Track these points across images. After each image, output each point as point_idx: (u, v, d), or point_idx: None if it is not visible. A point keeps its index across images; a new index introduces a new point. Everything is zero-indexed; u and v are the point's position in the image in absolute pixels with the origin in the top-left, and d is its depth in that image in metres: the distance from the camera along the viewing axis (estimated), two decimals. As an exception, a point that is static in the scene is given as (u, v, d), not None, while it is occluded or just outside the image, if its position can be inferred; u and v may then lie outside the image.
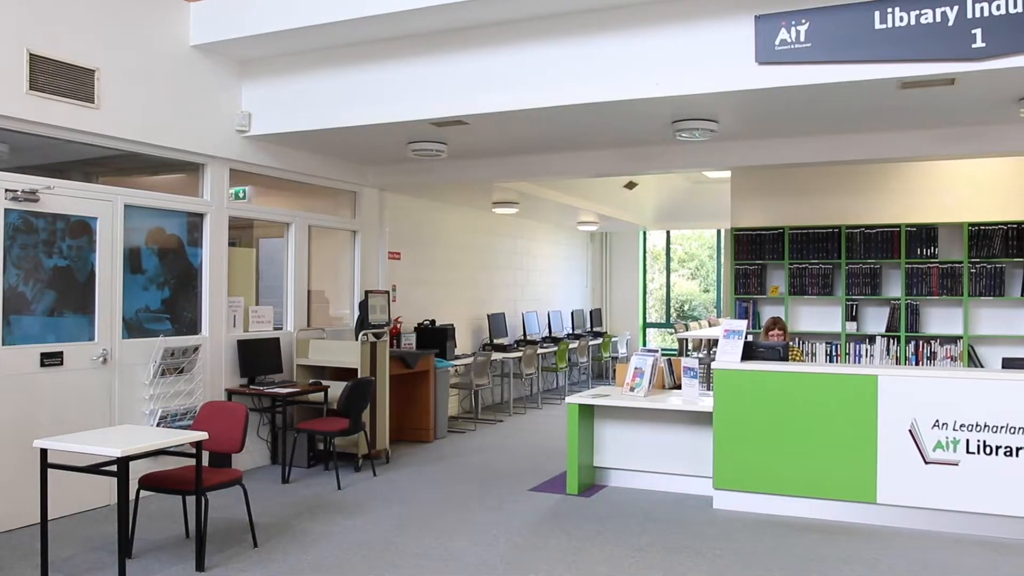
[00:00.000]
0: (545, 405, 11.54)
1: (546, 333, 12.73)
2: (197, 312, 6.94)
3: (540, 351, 11.57)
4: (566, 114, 6.16)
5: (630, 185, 12.46)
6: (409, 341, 9.28)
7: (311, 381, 7.59)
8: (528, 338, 12.00)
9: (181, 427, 6.37)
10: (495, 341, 11.07)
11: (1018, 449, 5.45)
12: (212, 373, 6.95)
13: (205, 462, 4.83)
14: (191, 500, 4.92)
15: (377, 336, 7.72)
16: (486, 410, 10.89)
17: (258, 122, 6.99)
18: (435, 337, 9.56)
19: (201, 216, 6.94)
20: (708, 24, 5.40)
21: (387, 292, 8.40)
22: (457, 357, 9.95)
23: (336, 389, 7.12)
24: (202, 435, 4.75)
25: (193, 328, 6.90)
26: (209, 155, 6.86)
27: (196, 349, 6.67)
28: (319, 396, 7.35)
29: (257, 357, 7.27)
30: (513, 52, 5.91)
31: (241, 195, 7.67)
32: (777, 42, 5.22)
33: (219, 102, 6.84)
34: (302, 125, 6.82)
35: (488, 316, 11.14)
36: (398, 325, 9.21)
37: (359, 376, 7.28)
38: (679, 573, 4.81)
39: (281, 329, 7.78)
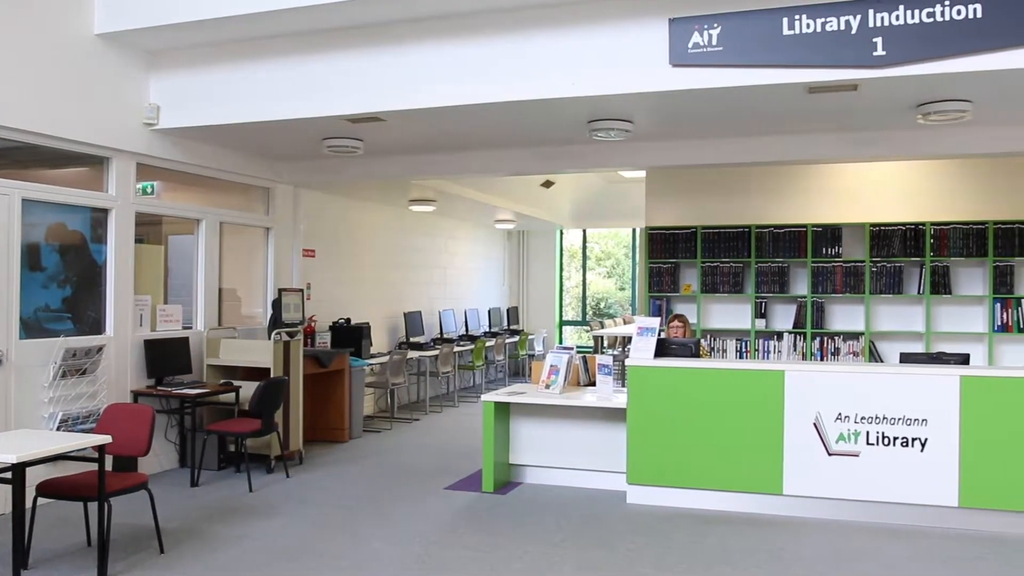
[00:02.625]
0: (462, 403, 11.53)
1: (463, 331, 12.72)
2: (101, 311, 6.69)
3: (457, 349, 11.55)
4: (483, 112, 6.16)
5: (547, 184, 12.55)
6: (324, 340, 9.15)
7: (222, 381, 7.41)
8: (445, 336, 11.96)
9: (83, 431, 6.14)
10: (411, 339, 11.00)
11: (914, 439, 5.69)
12: (117, 374, 6.71)
13: (109, 467, 4.66)
14: (93, 507, 4.74)
15: (291, 335, 7.58)
16: (402, 409, 10.82)
17: (167, 115, 6.78)
18: (350, 336, 9.45)
19: (106, 212, 6.70)
20: (623, 26, 5.48)
21: (301, 290, 8.27)
22: (373, 356, 9.85)
23: (248, 389, 6.97)
24: (105, 439, 4.58)
25: (97, 328, 6.65)
26: (114, 148, 6.62)
27: (100, 349, 6.43)
28: (230, 397, 7.17)
29: (165, 357, 7.05)
30: (430, 49, 5.88)
31: (149, 190, 7.42)
32: (690, 45, 5.32)
33: (125, 94, 6.60)
34: (213, 119, 6.64)
35: (404, 314, 11.07)
36: (312, 324, 9.06)
37: (272, 376, 7.14)
38: (593, 568, 4.87)
39: (191, 328, 7.57)
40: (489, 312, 13.81)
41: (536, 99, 5.73)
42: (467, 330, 12.77)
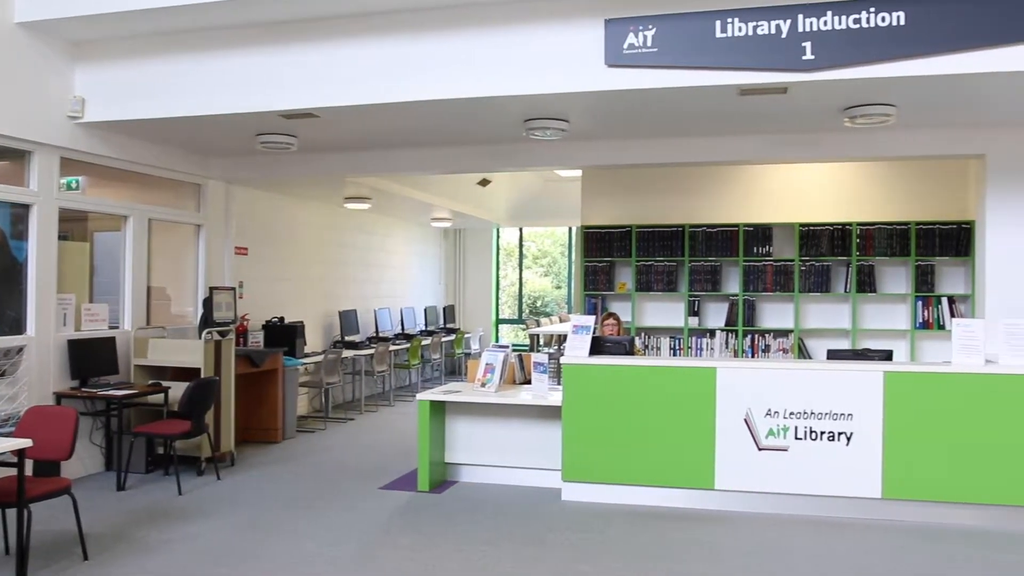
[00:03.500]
0: (397, 402, 11.47)
1: (399, 330, 12.64)
2: (22, 310, 6.46)
3: (392, 348, 11.48)
4: (419, 110, 6.13)
5: (484, 182, 12.54)
6: (256, 339, 9.00)
7: (150, 382, 7.22)
8: (380, 335, 11.87)
9: (2, 435, 5.91)
10: (346, 338, 10.89)
11: (840, 434, 5.85)
12: (39, 375, 6.49)
13: (29, 471, 4.50)
14: (12, 513, 4.58)
15: (222, 334, 7.44)
16: (337, 408, 10.71)
17: (93, 108, 6.58)
18: (284, 335, 9.31)
19: (27, 207, 6.46)
20: (560, 26, 5.51)
21: (233, 289, 8.12)
22: (307, 355, 9.73)
23: (177, 390, 6.81)
24: (25, 442, 4.43)
25: (17, 327, 6.42)
26: (36, 142, 6.39)
27: (20, 350, 6.21)
28: (159, 398, 7.00)
29: (90, 357, 6.85)
30: (365, 45, 5.83)
31: (74, 185, 7.18)
32: (625, 46, 5.38)
33: (48, 85, 6.39)
34: (141, 113, 6.46)
35: (339, 313, 10.95)
36: (245, 323, 8.91)
37: (202, 376, 6.99)
38: (528, 564, 4.88)
39: (118, 328, 7.36)
40: (425, 310, 13.76)
41: (471, 97, 5.73)
42: (403, 329, 12.70)
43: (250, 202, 9.44)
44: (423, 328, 13.53)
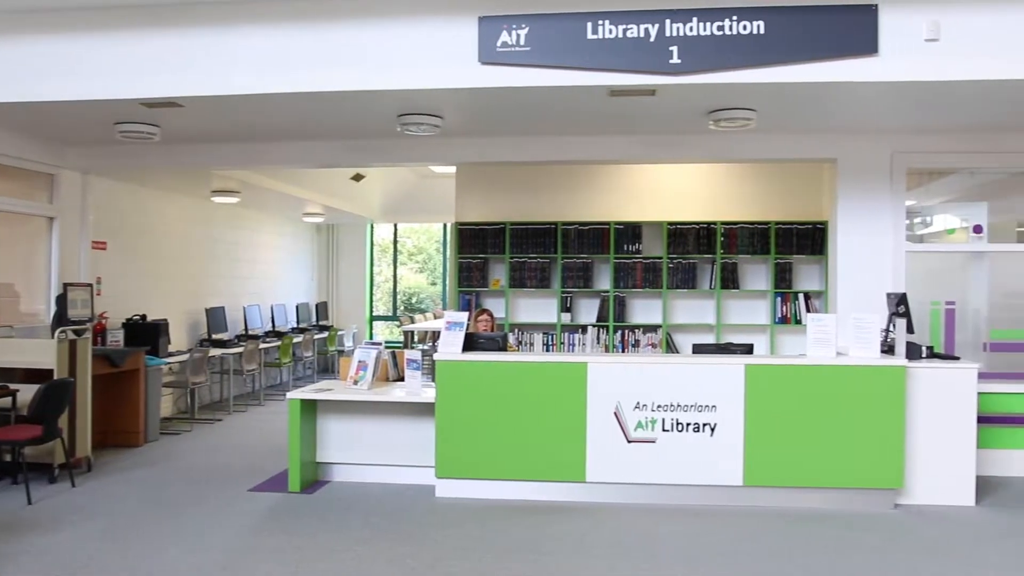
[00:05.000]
0: (268, 401, 11.17)
1: (269, 327, 12.31)
2: None
3: (263, 346, 11.17)
4: (289, 102, 5.98)
5: (357, 177, 12.37)
6: (116, 338, 8.57)
7: (-4, 384, 6.78)
8: (250, 332, 11.53)
9: None
10: (214, 336, 10.53)
11: (704, 425, 6.07)
12: None
13: None
14: None
15: (78, 333, 7.05)
16: (204, 409, 10.34)
17: (-72, 90, 6.11)
18: (146, 333, 8.91)
19: None
20: (434, 21, 5.48)
21: (90, 285, 7.72)
22: (171, 354, 9.34)
23: (28, 393, 6.40)
24: None
25: None
26: None
27: None
28: (6, 401, 6.56)
29: (-73, 359, 6.37)
30: (233, 33, 5.63)
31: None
32: (499, 44, 5.41)
33: None
34: (-15, 97, 6.05)
35: (206, 310, 10.57)
36: (103, 321, 8.48)
37: (55, 377, 6.61)
38: (402, 563, 4.85)
39: (-41, 326, 6.88)
40: (297, 307, 13.46)
41: (343, 91, 5.63)
42: (274, 326, 12.38)
43: (109, 194, 8.99)
44: (295, 325, 13.23)
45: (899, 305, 6.31)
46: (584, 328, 9.64)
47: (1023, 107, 6.07)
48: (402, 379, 7.03)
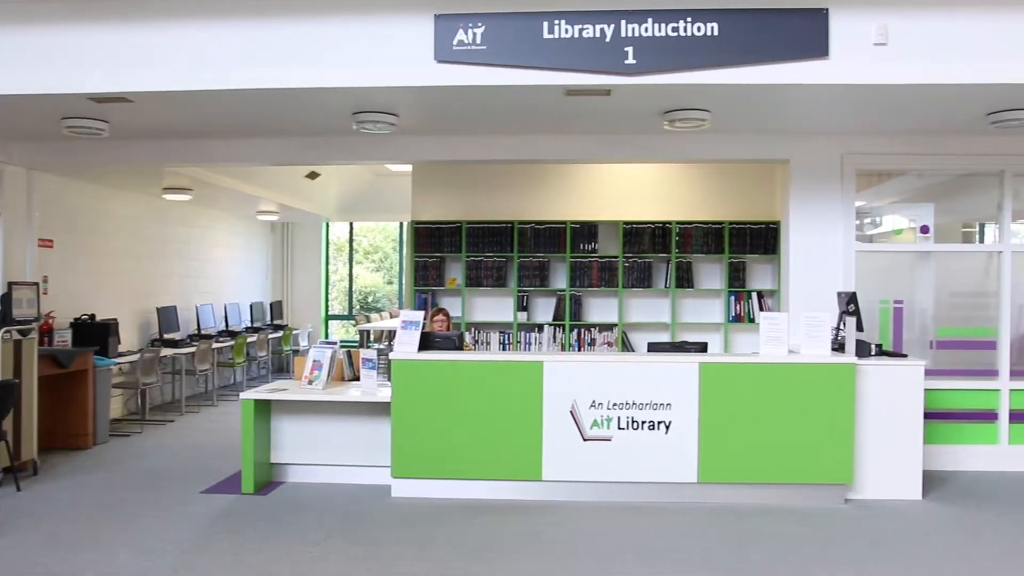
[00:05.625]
0: (221, 402, 11.02)
1: (223, 327, 12.15)
2: None
3: (216, 346, 11.02)
4: (241, 99, 5.90)
5: (312, 175, 12.25)
6: (64, 338, 8.38)
7: (-62, 386, 6.60)
8: (203, 332, 11.36)
9: None
10: (165, 336, 10.36)
11: (659, 423, 6.13)
12: None
13: None
14: None
15: (23, 333, 6.88)
16: (155, 410, 10.17)
17: None
18: (95, 333, 8.74)
19: None
20: (390, 18, 5.45)
21: (36, 284, 7.52)
22: (121, 354, 9.17)
23: (-29, 394, 6.25)
24: None
25: None
26: None
27: None
28: (-51, 403, 6.40)
29: None
30: (184, 28, 5.53)
31: None
32: (455, 42, 5.39)
33: None
34: (-76, 90, 5.87)
35: (157, 309, 10.40)
36: (50, 321, 8.29)
37: None
38: (357, 564, 4.82)
39: (-102, 326, 6.68)
40: (251, 307, 13.29)
41: (297, 88, 5.57)
42: (227, 326, 12.21)
43: (57, 190, 8.79)
44: (249, 325, 13.06)
45: (849, 304, 6.43)
46: (540, 327, 9.67)
47: (968, 111, 6.23)
48: (357, 379, 6.99)
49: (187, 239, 11.90)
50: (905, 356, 6.67)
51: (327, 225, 15.34)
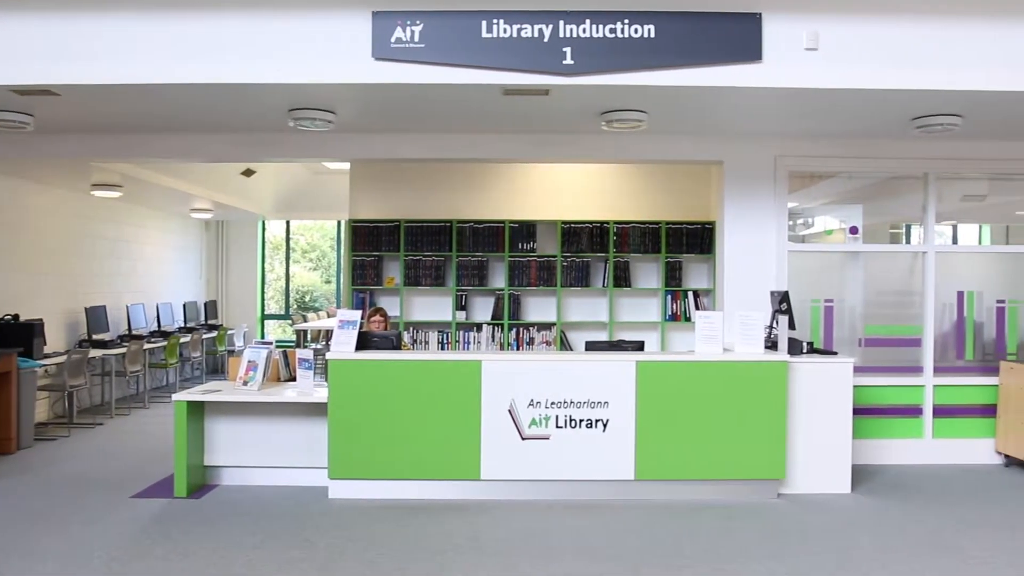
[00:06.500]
0: (153, 404, 10.77)
1: (155, 327, 11.87)
2: None
3: (148, 346, 10.76)
4: (172, 93, 5.77)
5: (247, 172, 12.05)
6: (-15, 339, 8.11)
7: None
8: (134, 332, 11.09)
9: None
10: (94, 336, 10.08)
11: (597, 421, 6.18)
12: None
13: None
14: None
15: (-58, 334, 6.64)
16: (83, 413, 9.90)
17: None
18: (19, 334, 8.45)
19: None
20: (327, 14, 5.39)
21: (-44, 283, 7.27)
22: (47, 355, 8.90)
23: None
24: None
25: None
26: None
27: None
28: None
29: None
30: (113, 19, 5.38)
31: None
32: (393, 40, 5.36)
33: None
34: None
35: (86, 309, 10.11)
36: (-29, 321, 8.01)
37: (-83, 381, 6.21)
38: (293, 567, 4.76)
39: None
40: (184, 306, 13.02)
41: (231, 83, 5.47)
42: (160, 326, 11.94)
43: (-23, 187, 8.50)
44: (182, 325, 12.79)
45: (782, 303, 6.57)
46: (479, 326, 9.66)
47: (895, 116, 6.41)
48: (294, 379, 6.90)
49: (117, 237, 11.60)
50: (835, 354, 6.85)
51: (263, 223, 15.11)
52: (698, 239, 9.55)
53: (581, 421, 6.18)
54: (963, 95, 5.70)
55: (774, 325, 6.59)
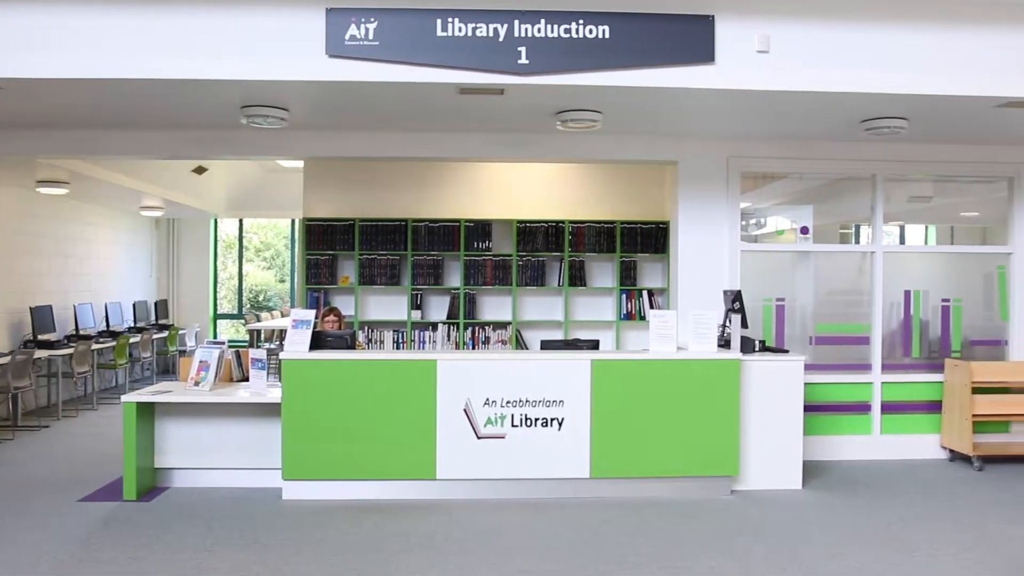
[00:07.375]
0: (101, 405, 10.56)
1: (103, 327, 11.64)
2: None
3: (96, 347, 10.55)
4: (121, 88, 5.66)
5: (199, 170, 11.87)
6: (-74, 340, 7.89)
7: None
8: (81, 332, 10.86)
9: None
10: (40, 337, 9.86)
11: (552, 419, 6.20)
12: None
13: None
14: None
15: None
16: (28, 415, 9.67)
17: None
18: (-39, 334, 8.25)
19: None
20: (281, 10, 5.33)
21: None
22: (-9, 356, 8.69)
23: None
24: None
25: None
26: None
27: None
28: None
29: None
30: (59, 11, 5.25)
31: None
32: (347, 37, 5.32)
33: None
34: None
35: (31, 309, 9.88)
36: (-90, 321, 7.78)
37: None
38: (246, 569, 4.70)
39: None
40: (134, 306, 12.79)
41: (181, 79, 5.38)
42: (108, 325, 11.71)
43: (-83, 183, 8.26)
44: (132, 325, 12.56)
45: (735, 302, 6.65)
46: (434, 325, 9.64)
47: (844, 118, 6.53)
48: (247, 379, 6.82)
49: (64, 235, 11.35)
50: (787, 352, 6.96)
51: (215, 221, 14.90)
52: (652, 239, 9.63)
53: (536, 420, 6.20)
54: (907, 99, 5.83)
55: (727, 324, 6.67)
